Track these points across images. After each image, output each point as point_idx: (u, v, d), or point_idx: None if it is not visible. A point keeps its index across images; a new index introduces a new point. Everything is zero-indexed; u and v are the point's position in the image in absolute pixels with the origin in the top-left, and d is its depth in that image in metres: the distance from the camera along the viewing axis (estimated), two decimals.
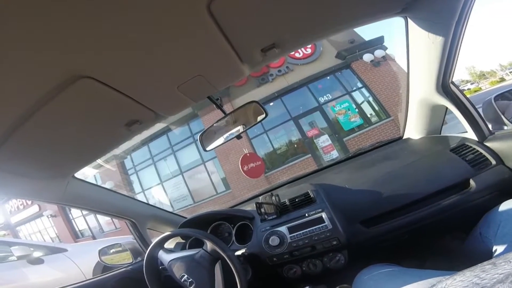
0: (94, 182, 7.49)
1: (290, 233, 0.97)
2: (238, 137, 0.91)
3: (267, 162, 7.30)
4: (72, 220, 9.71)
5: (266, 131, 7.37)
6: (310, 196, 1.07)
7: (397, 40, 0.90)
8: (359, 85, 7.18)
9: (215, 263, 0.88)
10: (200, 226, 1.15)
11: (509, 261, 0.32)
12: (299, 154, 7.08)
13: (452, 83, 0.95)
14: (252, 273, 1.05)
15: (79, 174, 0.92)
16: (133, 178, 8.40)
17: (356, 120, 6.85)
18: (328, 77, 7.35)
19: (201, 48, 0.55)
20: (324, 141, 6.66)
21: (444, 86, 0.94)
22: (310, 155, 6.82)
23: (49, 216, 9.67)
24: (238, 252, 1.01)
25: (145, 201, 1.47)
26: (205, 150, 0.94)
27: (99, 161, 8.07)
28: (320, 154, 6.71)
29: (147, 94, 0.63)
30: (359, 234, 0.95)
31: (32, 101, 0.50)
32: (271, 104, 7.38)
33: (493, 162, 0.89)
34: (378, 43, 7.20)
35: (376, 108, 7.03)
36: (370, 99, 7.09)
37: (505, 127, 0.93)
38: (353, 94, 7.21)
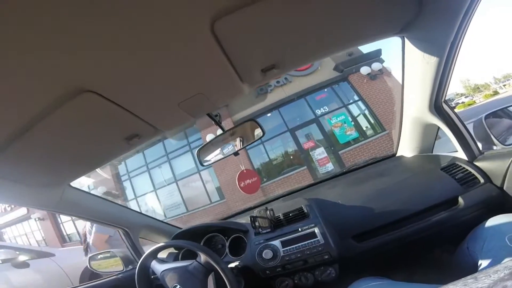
0: (86, 187, 7.37)
1: (283, 247, 0.98)
2: (236, 154, 0.93)
3: (263, 173, 7.29)
4: (61, 224, 9.43)
5: (263, 142, 7.35)
6: (303, 211, 1.08)
7: (394, 53, 0.92)
8: (356, 98, 7.29)
9: (208, 274, 0.88)
10: (193, 237, 1.15)
11: (489, 275, 0.34)
12: (295, 166, 7.10)
13: (445, 102, 0.99)
14: (244, 285, 1.05)
15: (74, 183, 0.93)
16: (127, 184, 8.27)
17: (352, 133, 6.93)
18: (326, 90, 7.46)
19: (203, 67, 0.57)
20: (320, 153, 6.70)
21: (437, 105, 0.98)
22: (305, 167, 6.84)
23: (37, 219, 9.38)
24: (232, 265, 1.01)
25: (138, 209, 1.46)
26: (202, 165, 0.95)
27: None
28: (315, 166, 6.73)
29: (148, 110, 0.65)
30: (350, 249, 0.96)
31: (34, 112, 0.51)
32: (269, 115, 7.43)
33: (482, 180, 0.93)
34: (375, 56, 7.33)
35: (372, 121, 7.12)
36: (366, 112, 7.19)
37: (494, 147, 0.96)
38: (350, 107, 7.31)
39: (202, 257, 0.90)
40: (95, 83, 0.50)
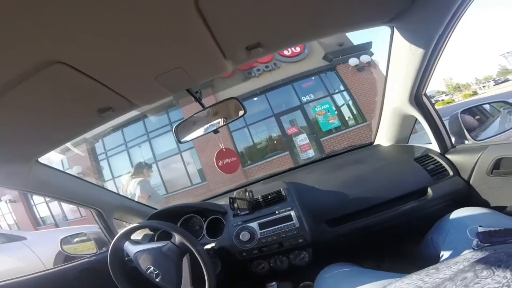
0: (60, 167, 7.02)
1: (260, 229, 0.99)
2: (215, 131, 0.91)
3: (246, 156, 7.33)
4: (34, 207, 9.02)
5: (247, 125, 7.36)
6: (281, 193, 1.10)
7: (383, 48, 0.92)
8: (341, 88, 7.40)
9: (183, 256, 0.87)
10: (170, 219, 1.13)
11: (450, 267, 0.36)
12: (278, 151, 7.19)
13: (425, 95, 1.01)
14: (221, 267, 1.07)
15: (43, 159, 0.87)
16: (104, 164, 7.96)
17: (335, 122, 7.08)
18: (313, 78, 7.48)
19: (184, 40, 0.53)
20: (302, 139, 6.82)
21: (417, 97, 0.99)
22: (288, 152, 6.95)
23: (8, 202, 8.90)
24: (208, 246, 1.01)
25: (115, 190, 1.41)
26: (179, 142, 0.92)
27: (67, 144, 7.54)
28: (297, 152, 6.86)
29: (122, 83, 0.61)
30: (323, 233, 1.00)
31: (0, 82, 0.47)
32: (255, 99, 7.38)
33: (451, 173, 0.97)
34: (365, 48, 7.40)
35: (355, 112, 7.30)
36: (350, 102, 7.34)
37: (466, 142, 1.01)
38: (335, 96, 7.42)
39: (177, 238, 0.88)
40: (66, 54, 0.46)
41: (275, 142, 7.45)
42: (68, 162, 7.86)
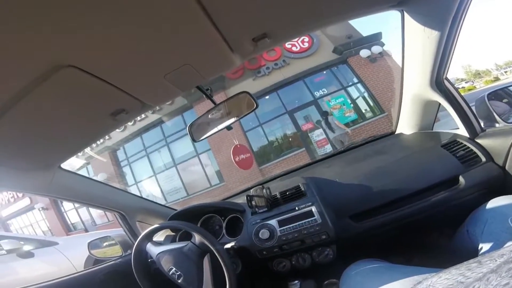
0: (86, 174, 7.41)
1: (280, 227, 0.97)
2: (229, 128, 0.90)
3: (262, 155, 7.31)
4: (64, 213, 9.59)
5: (261, 124, 7.37)
6: (301, 189, 1.06)
7: (395, 37, 0.89)
8: (355, 80, 7.19)
9: (203, 256, 0.87)
10: (190, 219, 1.14)
11: (495, 259, 0.31)
12: (294, 148, 7.11)
13: (446, 79, 0.94)
14: (242, 266, 1.05)
15: (66, 165, 0.90)
16: (126, 170, 8.31)
17: (351, 115, 6.88)
18: (324, 72, 7.34)
19: (188, 36, 0.53)
20: (318, 135, 6.69)
21: (438, 82, 0.93)
22: (304, 149, 6.85)
23: (41, 209, 9.53)
24: (228, 245, 1.00)
25: (137, 193, 1.45)
26: (194, 141, 0.92)
27: (91, 153, 7.96)
28: (314, 148, 6.74)
29: (132, 83, 0.61)
30: (348, 229, 0.95)
31: (13, 92, 0.49)
32: (267, 97, 7.37)
33: (483, 159, 0.90)
34: (375, 39, 7.17)
35: (371, 103, 7.05)
36: (365, 94, 7.11)
37: (497, 125, 0.93)
38: (349, 89, 7.22)
39: (197, 238, 0.88)
40: (75, 57, 0.47)
41: (290, 139, 7.37)
42: (93, 169, 8.29)
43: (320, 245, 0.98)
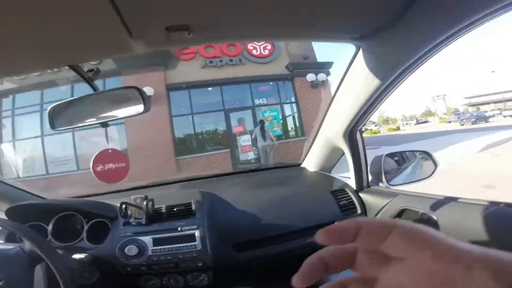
0: None
1: (153, 245, 0.84)
2: (104, 124, 0.71)
3: (182, 145, 6.91)
4: None
5: (193, 114, 7.03)
6: (191, 207, 0.96)
7: (341, 72, 0.87)
8: (293, 99, 7.72)
9: (35, 264, 0.70)
10: (40, 215, 0.90)
11: None
12: (219, 146, 7.06)
13: (360, 131, 1.01)
14: (100, 276, 0.87)
15: None
16: (6, 122, 6.57)
17: (278, 130, 7.36)
18: (271, 83, 7.63)
19: (77, 8, 0.40)
20: (245, 140, 6.86)
21: (352, 132, 0.99)
22: (228, 150, 6.88)
23: None
24: (81, 255, 0.81)
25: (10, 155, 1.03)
26: (52, 128, 0.67)
27: None
28: (238, 151, 6.87)
29: None
30: (228, 258, 0.91)
31: None
32: (210, 89, 7.16)
33: (359, 211, 1.01)
34: (326, 67, 7.76)
35: (297, 125, 7.71)
36: (296, 115, 7.72)
37: (381, 184, 1.06)
38: (285, 105, 7.72)
39: (27, 244, 0.72)
40: None
41: (218, 137, 7.31)
42: None
43: (196, 270, 0.90)
